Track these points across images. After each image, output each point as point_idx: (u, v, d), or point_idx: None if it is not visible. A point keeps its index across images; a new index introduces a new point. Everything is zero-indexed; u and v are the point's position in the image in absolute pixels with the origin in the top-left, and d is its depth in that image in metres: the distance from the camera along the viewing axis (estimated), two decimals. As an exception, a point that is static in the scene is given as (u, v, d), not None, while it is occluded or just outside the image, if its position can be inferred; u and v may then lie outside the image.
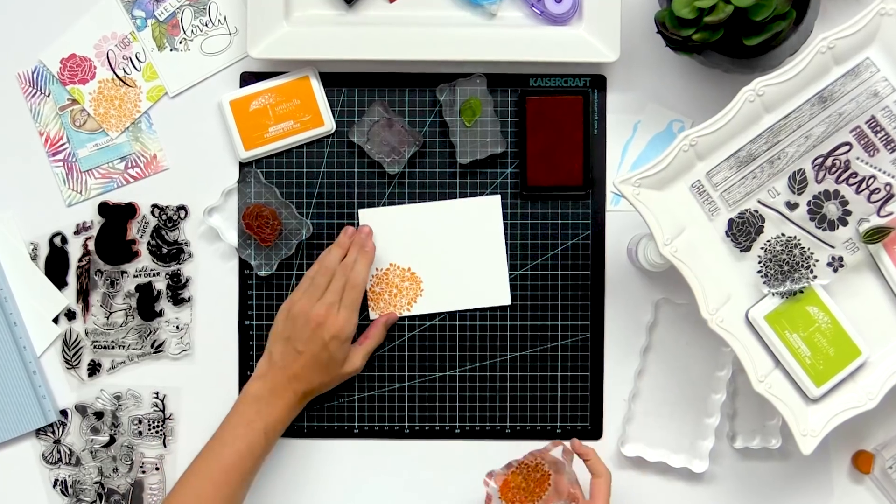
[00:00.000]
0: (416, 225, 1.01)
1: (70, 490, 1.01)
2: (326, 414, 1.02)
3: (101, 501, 1.01)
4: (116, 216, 1.01)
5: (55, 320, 1.01)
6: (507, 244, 1.01)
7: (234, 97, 1.00)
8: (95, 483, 1.01)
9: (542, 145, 1.00)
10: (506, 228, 1.01)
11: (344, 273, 0.96)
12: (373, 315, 1.01)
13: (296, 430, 1.01)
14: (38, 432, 1.01)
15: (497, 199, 1.01)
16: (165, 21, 1.01)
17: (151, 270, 1.01)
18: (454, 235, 1.01)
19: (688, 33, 0.90)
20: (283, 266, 1.01)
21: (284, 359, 0.95)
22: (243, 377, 1.01)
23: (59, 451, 1.01)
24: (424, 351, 1.02)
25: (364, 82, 1.01)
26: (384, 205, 1.01)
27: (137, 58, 1.01)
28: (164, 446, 1.01)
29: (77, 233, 1.01)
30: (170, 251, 1.01)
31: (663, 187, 0.90)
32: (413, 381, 1.02)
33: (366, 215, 1.01)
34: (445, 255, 1.01)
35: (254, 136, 1.00)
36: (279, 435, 0.96)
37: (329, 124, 1.01)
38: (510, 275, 1.01)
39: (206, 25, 1.01)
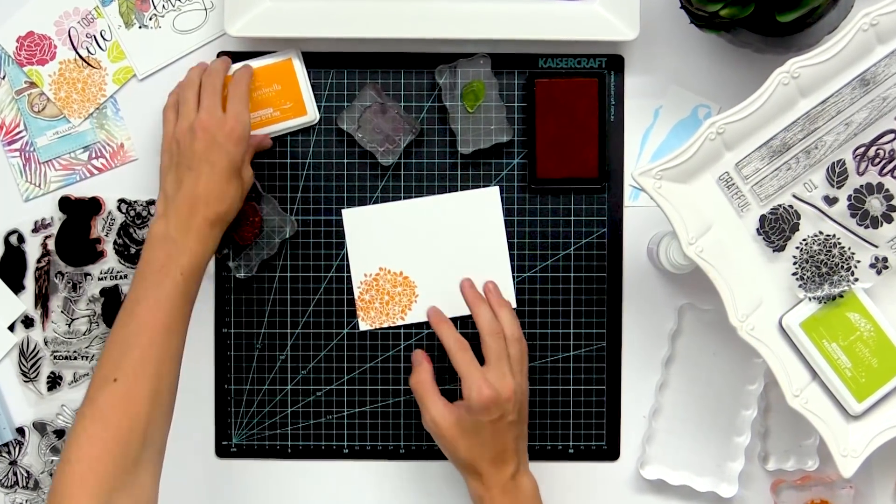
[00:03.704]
0: (407, 224, 1.00)
1: (28, 516, 1.01)
2: (313, 433, 1.01)
3: (62, 529, 1.01)
4: (79, 212, 1.01)
5: (11, 328, 1.01)
6: (512, 243, 1.01)
7: (210, 80, 0.99)
8: (56, 509, 1.01)
9: (552, 133, 0.99)
10: (512, 226, 1.01)
11: (212, 76, 0.94)
12: (363, 325, 1.00)
13: (279, 450, 1.01)
14: (-8, 452, 1.01)
15: (496, 190, 1.00)
16: (134, -5, 1.01)
17: (118, 272, 1.01)
18: (449, 234, 1.00)
19: (715, 8, 0.90)
20: (263, 267, 1.01)
21: (180, 185, 0.91)
22: (220, 389, 1.00)
23: (15, 474, 1.01)
24: (422, 362, 1.01)
25: (355, 63, 1.01)
26: (377, 200, 1.00)
27: (103, 36, 1.01)
28: (133, 468, 1.01)
29: (35, 230, 1.01)
30: (138, 251, 1.00)
31: (687, 180, 0.89)
32: (409, 395, 1.01)
33: (350, 216, 1.00)
34: (441, 256, 1.00)
35: (232, 124, 0.99)
36: (201, 275, 0.91)
37: (312, 114, 1.00)
38: (517, 278, 1.01)
39: (180, 0, 1.01)
